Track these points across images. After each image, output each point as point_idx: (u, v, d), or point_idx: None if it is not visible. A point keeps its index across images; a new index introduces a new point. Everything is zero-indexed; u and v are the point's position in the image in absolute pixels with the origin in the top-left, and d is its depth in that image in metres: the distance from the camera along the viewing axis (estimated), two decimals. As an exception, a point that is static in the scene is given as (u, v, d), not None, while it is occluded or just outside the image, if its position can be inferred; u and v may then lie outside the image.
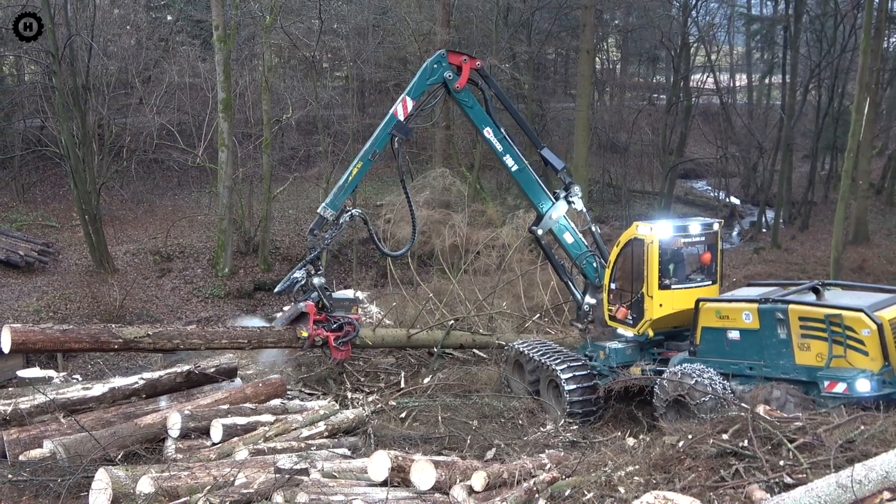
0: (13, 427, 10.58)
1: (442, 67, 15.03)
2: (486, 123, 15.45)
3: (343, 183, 14.84)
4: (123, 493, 7.78)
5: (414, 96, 15.03)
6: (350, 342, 14.71)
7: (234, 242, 30.74)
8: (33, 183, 34.56)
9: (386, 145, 15.10)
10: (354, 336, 14.68)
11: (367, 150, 14.97)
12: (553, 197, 15.72)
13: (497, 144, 15.47)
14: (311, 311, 14.29)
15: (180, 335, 12.87)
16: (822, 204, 40.70)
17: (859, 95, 24.61)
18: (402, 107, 14.94)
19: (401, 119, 14.92)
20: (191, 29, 40.61)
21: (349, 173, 14.85)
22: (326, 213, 14.69)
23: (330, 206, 14.69)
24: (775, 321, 12.38)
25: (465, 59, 15.18)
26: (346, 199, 14.94)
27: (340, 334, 14.40)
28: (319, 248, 14.72)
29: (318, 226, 14.80)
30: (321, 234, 14.82)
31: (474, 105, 15.45)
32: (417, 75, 15.22)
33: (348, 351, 14.94)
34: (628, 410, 14.48)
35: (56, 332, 11.61)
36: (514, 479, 8.50)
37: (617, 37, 52.87)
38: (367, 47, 38.57)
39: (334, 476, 8.98)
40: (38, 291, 26.08)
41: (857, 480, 5.84)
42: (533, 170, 16.06)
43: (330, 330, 14.35)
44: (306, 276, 14.54)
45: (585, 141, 30.76)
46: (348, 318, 14.59)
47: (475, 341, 18.56)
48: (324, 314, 14.44)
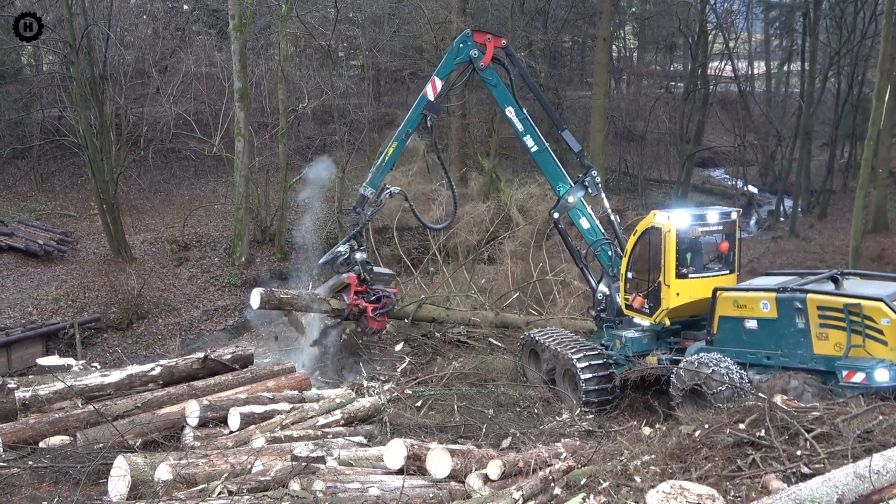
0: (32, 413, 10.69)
1: (468, 46, 15.62)
2: (508, 103, 15.84)
3: (380, 163, 15.88)
4: (142, 479, 7.84)
5: (442, 76, 15.72)
6: (386, 314, 15.77)
7: (250, 231, 30.86)
8: (52, 173, 34.78)
9: (419, 124, 15.98)
10: (391, 308, 15.78)
11: (401, 130, 15.84)
12: (572, 181, 15.85)
13: (518, 124, 15.85)
14: (353, 283, 15.37)
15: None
16: (841, 192, 40.39)
17: (880, 83, 24.36)
18: (431, 87, 15.67)
19: (431, 99, 15.67)
20: (207, 18, 40.66)
21: (385, 153, 15.90)
22: (367, 192, 15.78)
23: (370, 184, 15.78)
24: (793, 310, 12.29)
25: (490, 38, 15.73)
26: (384, 178, 15.98)
27: (378, 306, 15.46)
28: (361, 224, 15.75)
29: (360, 204, 15.83)
30: (363, 212, 15.85)
31: (498, 84, 15.90)
32: (445, 56, 15.94)
33: (384, 322, 16.02)
34: (644, 400, 14.42)
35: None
36: (530, 467, 8.50)
37: (634, 24, 52.53)
38: (382, 36, 38.51)
39: (350, 464, 9.01)
40: (57, 280, 26.30)
41: (875, 471, 5.80)
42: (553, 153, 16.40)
43: (369, 301, 15.40)
44: (349, 250, 15.58)
45: (602, 129, 30.60)
46: (387, 291, 15.67)
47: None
48: (364, 286, 15.45)
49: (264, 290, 14.89)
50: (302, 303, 15.47)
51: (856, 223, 24.18)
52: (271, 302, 15.09)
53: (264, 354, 17.62)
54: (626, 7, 47.92)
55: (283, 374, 13.44)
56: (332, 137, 36.44)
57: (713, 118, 47.10)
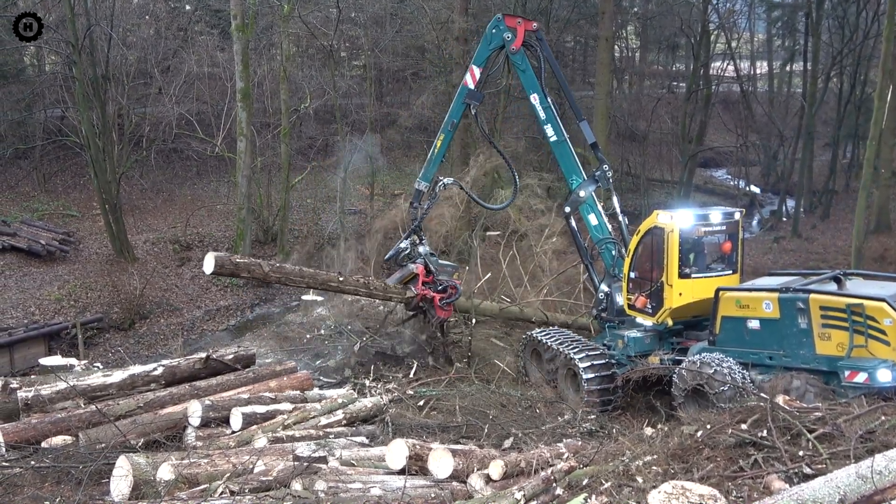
0: (35, 413, 10.69)
1: (500, 30, 15.86)
2: (535, 89, 16.07)
3: (431, 156, 16.19)
4: (144, 479, 7.84)
5: (479, 63, 16.04)
6: (452, 304, 16.19)
7: (252, 231, 30.87)
8: (54, 173, 34.83)
9: (462, 113, 16.32)
10: (457, 297, 16.23)
11: (447, 121, 16.19)
12: (584, 175, 15.96)
13: (541, 112, 16.09)
14: (421, 273, 15.79)
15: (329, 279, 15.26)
16: (844, 193, 40.33)
17: (882, 83, 24.31)
18: (470, 76, 15.97)
19: (471, 87, 15.98)
20: (209, 18, 40.71)
21: (434, 147, 16.20)
22: (421, 186, 16.16)
23: (423, 178, 16.14)
24: (796, 311, 12.29)
25: (520, 22, 16.04)
26: (436, 170, 16.29)
27: (445, 296, 15.91)
28: (420, 218, 16.12)
29: (416, 198, 16.22)
30: (420, 205, 16.20)
31: (527, 69, 16.13)
32: (480, 43, 16.22)
33: (450, 311, 16.46)
34: (646, 400, 14.44)
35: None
36: (532, 468, 8.50)
37: (636, 24, 52.47)
38: (384, 36, 38.53)
39: (352, 464, 9.01)
40: (60, 280, 26.32)
41: (877, 471, 5.79)
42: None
43: (436, 291, 15.84)
44: (411, 245, 16.05)
45: (604, 129, 30.57)
46: (452, 281, 16.17)
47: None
48: (431, 277, 15.90)
49: (219, 255, 14.00)
50: (261, 271, 14.62)
51: (858, 223, 24.15)
52: (226, 267, 14.14)
53: (266, 354, 17.63)
54: (629, 7, 47.85)
55: (286, 374, 13.43)
56: (334, 137, 36.47)
57: (715, 118, 47.04)
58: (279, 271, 14.69)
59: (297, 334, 19.81)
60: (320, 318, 20.47)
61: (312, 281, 15.24)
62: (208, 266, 13.75)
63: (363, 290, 15.68)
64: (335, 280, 15.28)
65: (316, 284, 15.50)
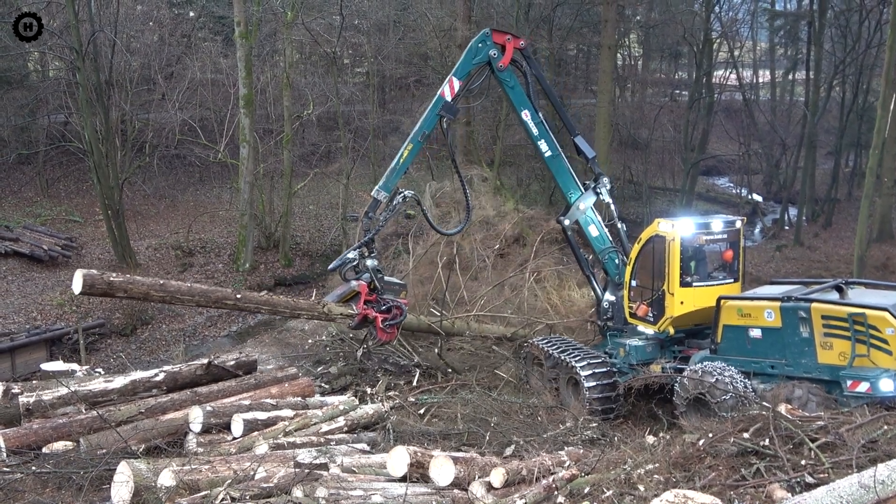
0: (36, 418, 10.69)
1: (487, 46, 15.15)
2: (525, 106, 15.52)
3: (395, 165, 14.94)
4: (145, 485, 7.84)
5: (460, 76, 15.15)
6: (396, 325, 14.81)
7: (254, 238, 30.92)
8: (57, 178, 34.90)
9: (435, 126, 15.18)
10: (402, 320, 14.79)
11: (417, 131, 15.06)
12: (582, 187, 15.69)
13: (533, 128, 15.55)
14: (363, 291, 14.44)
15: (225, 297, 13.11)
16: (846, 201, 40.29)
17: (885, 91, 24.33)
18: (448, 87, 15.04)
19: (448, 100, 15.01)
20: (213, 25, 40.83)
21: (400, 155, 14.93)
22: (380, 196, 14.81)
23: (383, 188, 14.81)
24: (798, 319, 12.27)
25: (509, 38, 15.30)
26: (398, 181, 15.09)
27: (388, 316, 14.52)
28: (374, 230, 14.83)
29: (372, 208, 14.94)
30: (376, 217, 14.96)
31: (515, 86, 15.54)
32: (463, 55, 15.36)
33: (394, 334, 15.09)
34: (648, 408, 14.41)
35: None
36: (533, 475, 8.48)
37: (639, 32, 52.47)
38: (387, 43, 38.59)
39: (353, 471, 9.00)
40: (62, 285, 26.35)
41: (879, 480, 5.78)
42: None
43: (379, 311, 14.47)
44: (359, 256, 14.69)
45: (607, 137, 30.58)
46: (397, 301, 14.72)
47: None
48: (374, 295, 14.57)
49: (88, 273, 11.50)
50: (141, 290, 12.17)
51: (860, 232, 24.14)
52: (97, 286, 11.66)
53: (268, 360, 17.63)
54: (631, 15, 47.81)
55: (287, 381, 13.43)
56: (336, 144, 36.50)
57: (718, 126, 47.06)
58: (163, 290, 12.48)
59: (298, 340, 19.82)
60: (322, 325, 20.44)
61: (203, 299, 13.12)
62: (76, 285, 11.51)
63: (283, 309, 14.01)
64: (231, 298, 13.19)
65: (208, 303, 13.38)
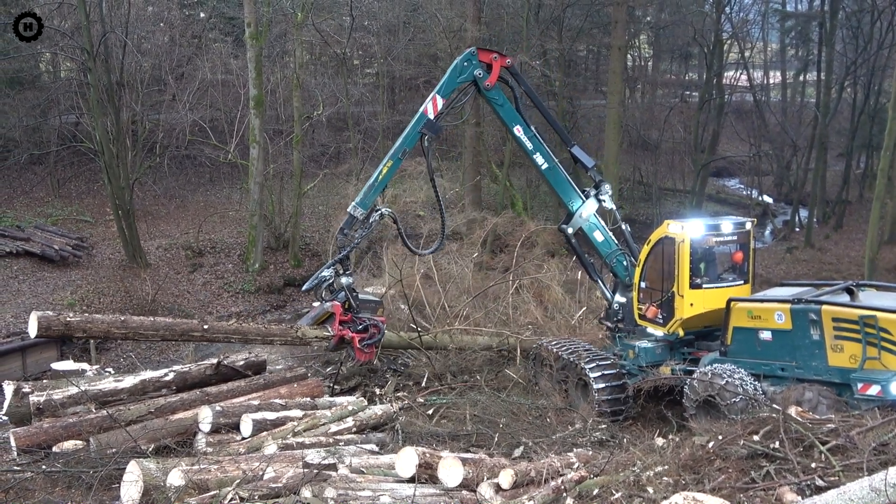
0: (47, 417, 10.75)
1: (472, 65, 14.76)
2: (516, 121, 15.18)
3: (373, 182, 14.47)
4: (154, 485, 7.86)
5: (444, 94, 14.72)
6: (374, 345, 14.38)
7: (264, 238, 30.98)
8: (68, 178, 35.06)
9: (416, 144, 14.75)
10: (379, 339, 14.34)
11: (397, 148, 14.62)
12: (583, 195, 15.55)
13: (527, 142, 15.22)
14: (338, 312, 13.97)
15: (191, 328, 12.77)
16: (857, 203, 40.15)
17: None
18: (432, 105, 14.63)
19: (431, 117, 14.61)
20: (223, 26, 40.95)
21: (379, 172, 14.48)
22: (356, 213, 14.30)
23: (360, 205, 14.31)
24: (808, 322, 12.21)
25: (496, 57, 14.89)
26: (375, 198, 14.55)
27: (366, 336, 14.06)
28: (349, 248, 14.29)
29: (348, 225, 14.39)
30: (351, 234, 14.40)
31: (504, 103, 15.17)
32: (447, 73, 14.94)
33: (373, 353, 14.64)
34: (657, 410, 14.36)
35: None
36: (542, 477, 8.47)
37: (649, 33, 52.38)
38: (397, 44, 38.64)
39: (362, 471, 9.00)
40: (73, 285, 26.47)
41: (891, 484, 5.74)
42: (563, 168, 15.87)
43: (355, 331, 14.00)
44: (334, 274, 14.20)
45: (616, 138, 30.56)
46: (374, 319, 14.22)
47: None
48: (350, 315, 14.08)
49: (44, 315, 11.11)
50: (101, 328, 11.94)
51: (871, 234, 24.05)
52: (54, 328, 11.25)
53: (277, 361, 17.65)
54: (642, 16, 47.76)
55: (296, 381, 13.46)
56: (346, 145, 36.59)
57: (728, 128, 46.96)
58: (124, 326, 12.09)
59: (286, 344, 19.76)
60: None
61: (169, 333, 12.74)
62: (31, 328, 11.05)
63: (254, 336, 13.28)
64: (198, 329, 12.81)
65: (174, 336, 13.02)
